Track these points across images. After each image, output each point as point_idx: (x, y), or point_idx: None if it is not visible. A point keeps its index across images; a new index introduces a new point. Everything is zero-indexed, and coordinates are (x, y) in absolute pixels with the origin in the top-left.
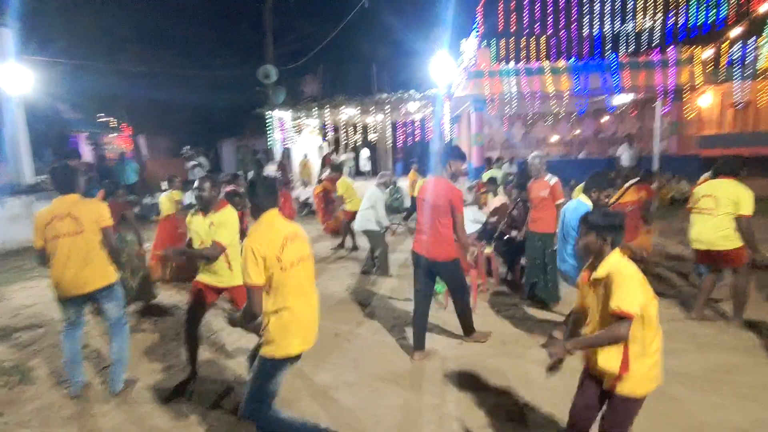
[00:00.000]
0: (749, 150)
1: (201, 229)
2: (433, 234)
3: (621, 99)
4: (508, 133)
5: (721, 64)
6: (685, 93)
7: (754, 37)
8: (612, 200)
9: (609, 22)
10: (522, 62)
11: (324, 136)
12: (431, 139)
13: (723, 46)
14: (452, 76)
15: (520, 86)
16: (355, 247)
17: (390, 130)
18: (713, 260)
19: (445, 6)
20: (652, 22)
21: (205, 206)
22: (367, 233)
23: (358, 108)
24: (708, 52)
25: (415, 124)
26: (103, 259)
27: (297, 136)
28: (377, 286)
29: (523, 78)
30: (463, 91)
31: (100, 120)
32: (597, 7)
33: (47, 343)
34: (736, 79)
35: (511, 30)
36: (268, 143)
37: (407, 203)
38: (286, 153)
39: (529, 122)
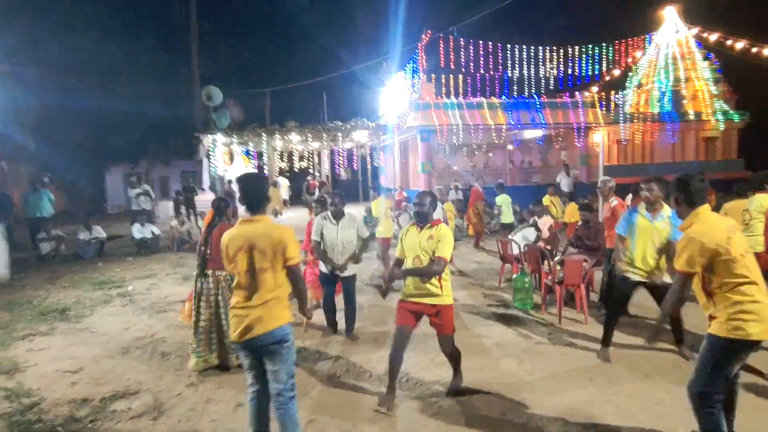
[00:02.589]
0: (631, 179)
1: (417, 242)
2: None
3: (534, 133)
4: (454, 162)
5: (607, 110)
6: (590, 131)
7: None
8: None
9: (531, 67)
10: (460, 96)
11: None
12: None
13: (603, 93)
14: (400, 108)
15: (464, 119)
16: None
17: (328, 158)
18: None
19: (391, 40)
20: (560, 69)
21: (423, 220)
22: None
23: (309, 135)
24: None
25: (359, 153)
26: None
27: (223, 162)
28: None
29: (465, 111)
30: (413, 122)
31: None
32: (518, 53)
33: None
34: (619, 121)
35: (451, 67)
36: (212, 170)
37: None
38: (221, 180)
39: (473, 151)
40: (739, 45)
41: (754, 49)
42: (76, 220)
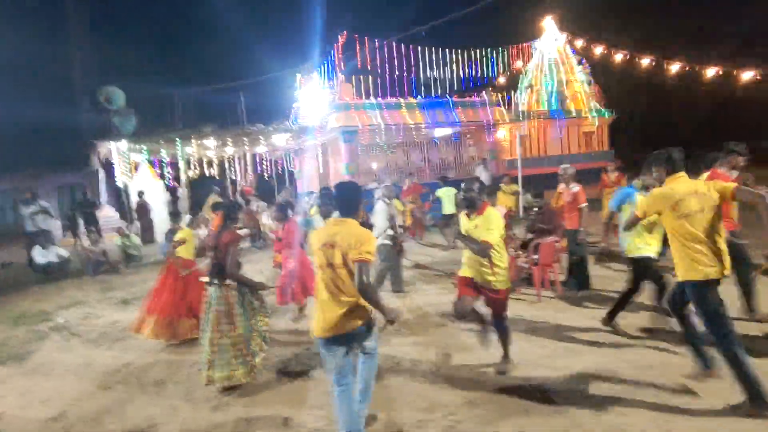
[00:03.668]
0: (531, 170)
1: (465, 231)
2: None
3: (448, 131)
4: (377, 162)
5: (508, 108)
6: (497, 127)
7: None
8: None
9: (439, 68)
10: (379, 97)
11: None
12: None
13: (504, 93)
14: (322, 109)
15: (384, 119)
16: None
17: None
18: None
19: (310, 41)
20: (463, 71)
21: (471, 206)
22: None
23: (229, 139)
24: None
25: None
26: None
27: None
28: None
29: (385, 111)
30: (335, 123)
31: None
32: (428, 56)
33: None
34: (519, 119)
35: (368, 68)
36: (118, 180)
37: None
38: (124, 191)
39: (392, 152)
40: (599, 50)
41: (618, 56)
42: None
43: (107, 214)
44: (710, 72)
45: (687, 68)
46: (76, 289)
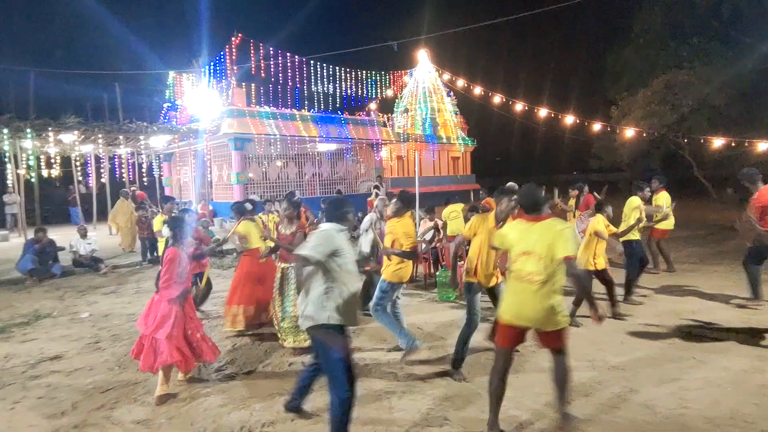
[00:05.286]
0: (410, 189)
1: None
2: None
3: (338, 146)
4: (270, 173)
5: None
6: (381, 147)
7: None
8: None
9: (328, 84)
10: (272, 106)
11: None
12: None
13: (387, 115)
14: (212, 113)
15: (279, 129)
16: None
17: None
18: None
19: (201, 39)
20: (346, 90)
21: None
22: None
23: (100, 135)
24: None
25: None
26: None
27: None
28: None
29: (280, 122)
30: (228, 129)
31: None
32: (320, 70)
33: None
34: (400, 140)
35: (262, 76)
36: None
37: None
38: None
39: (286, 163)
40: (460, 83)
41: (477, 91)
42: None
43: None
44: (542, 112)
45: (526, 107)
46: None
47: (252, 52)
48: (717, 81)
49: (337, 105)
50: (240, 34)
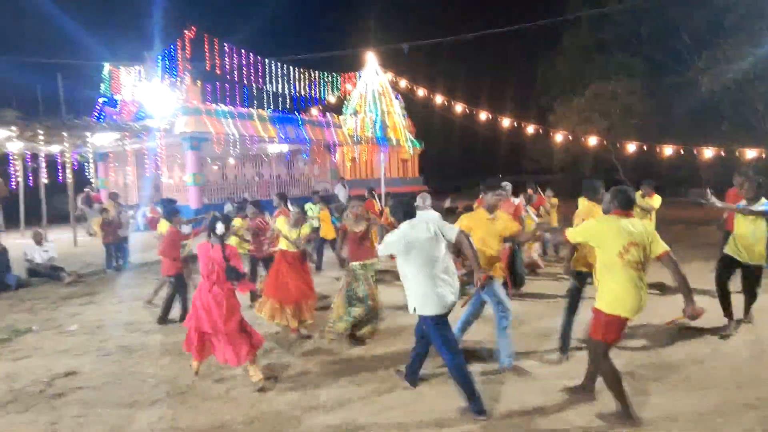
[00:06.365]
0: (359, 191)
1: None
2: None
3: (293, 147)
4: (225, 173)
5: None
6: (337, 148)
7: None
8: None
9: (281, 83)
10: (230, 106)
11: None
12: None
13: (338, 117)
14: (165, 111)
15: (237, 128)
16: None
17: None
18: None
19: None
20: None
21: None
22: None
23: (41, 132)
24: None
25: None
26: None
27: None
28: None
29: (237, 121)
30: (185, 127)
31: None
32: (274, 69)
33: None
34: (354, 142)
35: (218, 73)
36: None
37: None
38: None
39: (243, 164)
40: (403, 83)
41: (421, 93)
42: None
43: None
44: (482, 116)
45: (466, 110)
46: None
47: (206, 47)
48: (639, 93)
49: (287, 104)
50: (194, 27)
